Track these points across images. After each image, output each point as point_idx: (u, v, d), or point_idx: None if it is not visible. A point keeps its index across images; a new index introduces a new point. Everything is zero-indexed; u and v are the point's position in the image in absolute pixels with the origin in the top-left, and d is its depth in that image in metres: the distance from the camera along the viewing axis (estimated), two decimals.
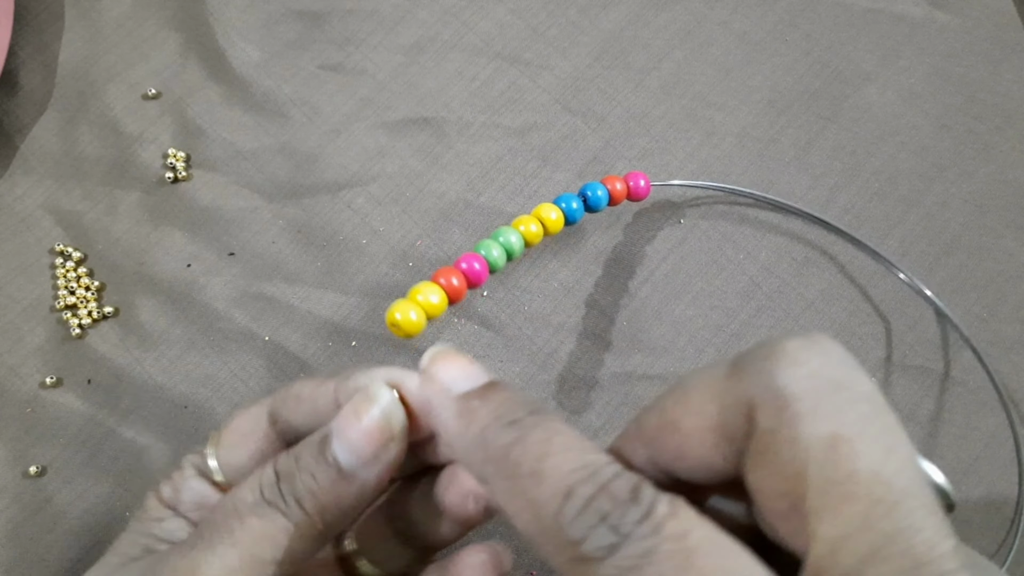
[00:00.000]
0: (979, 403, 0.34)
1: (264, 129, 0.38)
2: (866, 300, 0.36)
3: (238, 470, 0.24)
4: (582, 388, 0.34)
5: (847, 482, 0.14)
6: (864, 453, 0.14)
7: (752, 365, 0.16)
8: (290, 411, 0.23)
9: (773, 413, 0.15)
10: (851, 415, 0.14)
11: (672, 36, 0.40)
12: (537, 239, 0.31)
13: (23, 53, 0.39)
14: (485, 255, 0.29)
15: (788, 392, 0.15)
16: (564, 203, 0.32)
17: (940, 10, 0.41)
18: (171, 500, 0.24)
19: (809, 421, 0.15)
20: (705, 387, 0.17)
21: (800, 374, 0.15)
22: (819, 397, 0.15)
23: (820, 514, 0.14)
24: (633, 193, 0.34)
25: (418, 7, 0.40)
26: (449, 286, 0.28)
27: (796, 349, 0.16)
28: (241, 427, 0.24)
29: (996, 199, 0.37)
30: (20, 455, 0.33)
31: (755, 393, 0.15)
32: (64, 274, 0.35)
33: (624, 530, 0.15)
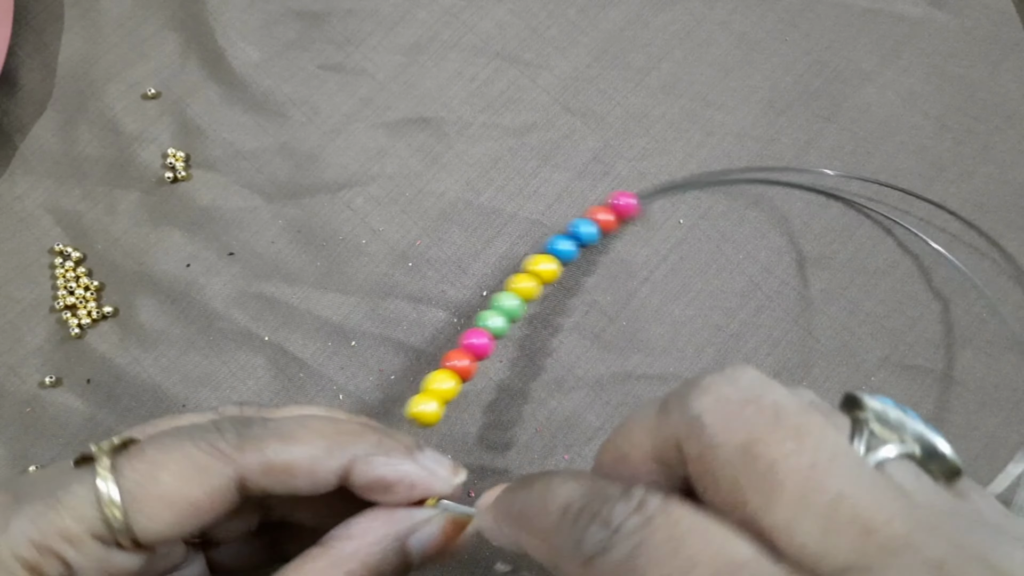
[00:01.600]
0: (979, 403, 0.34)
1: (264, 129, 0.38)
2: (866, 300, 0.36)
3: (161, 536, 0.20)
4: (582, 388, 0.34)
5: (770, 473, 0.15)
6: (777, 446, 0.16)
7: (673, 402, 0.18)
8: (278, 483, 0.21)
9: (694, 440, 0.17)
10: (758, 422, 0.16)
11: (672, 36, 0.40)
12: (535, 294, 0.32)
13: (23, 53, 0.39)
14: (490, 327, 0.31)
15: (701, 419, 0.17)
16: (556, 249, 0.33)
17: (939, 10, 0.41)
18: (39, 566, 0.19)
19: (724, 437, 0.16)
20: (641, 425, 0.19)
21: (709, 401, 0.17)
22: (728, 416, 0.17)
23: (764, 509, 0.15)
24: (623, 214, 0.35)
25: (418, 7, 0.40)
26: (459, 368, 0.30)
27: (708, 382, 0.18)
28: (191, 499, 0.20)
29: (996, 199, 0.37)
30: (20, 455, 0.33)
31: (677, 426, 0.17)
32: (64, 274, 0.35)
33: (615, 523, 0.16)
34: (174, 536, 0.20)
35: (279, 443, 0.21)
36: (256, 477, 0.20)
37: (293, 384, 0.34)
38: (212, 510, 0.20)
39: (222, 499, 0.20)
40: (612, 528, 0.16)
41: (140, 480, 0.20)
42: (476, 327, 0.31)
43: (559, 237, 0.34)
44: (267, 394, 0.34)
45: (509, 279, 0.32)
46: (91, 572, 0.19)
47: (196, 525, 0.20)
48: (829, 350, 0.35)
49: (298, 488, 0.21)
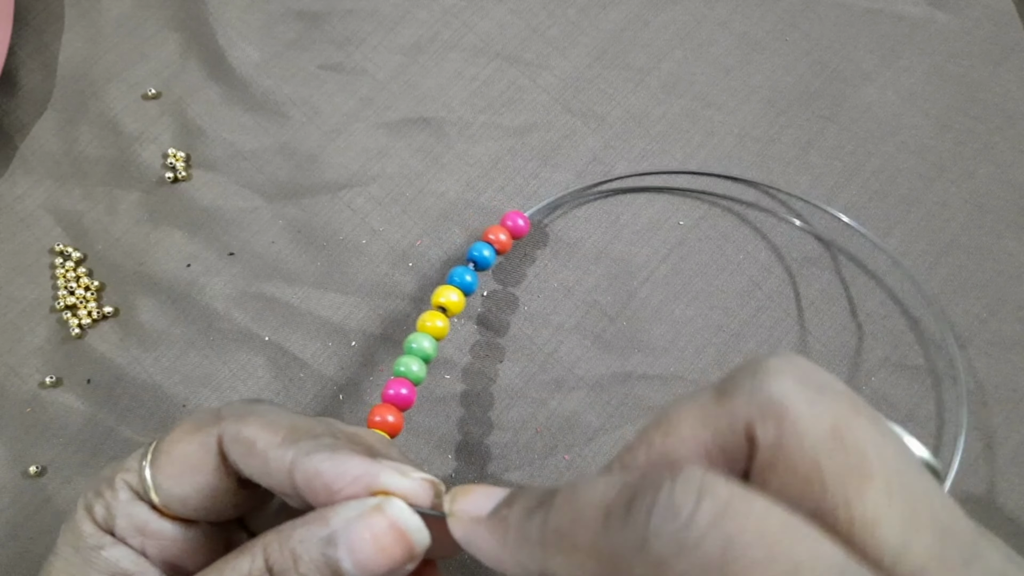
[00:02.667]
0: (979, 403, 0.34)
1: (264, 129, 0.38)
2: (866, 300, 0.36)
3: (182, 501, 0.22)
4: (582, 388, 0.34)
5: (862, 463, 0.15)
6: (866, 435, 0.15)
7: (740, 385, 0.16)
8: (240, 458, 0.21)
9: (774, 424, 0.15)
10: (842, 407, 0.15)
11: (672, 36, 0.40)
12: (445, 333, 0.31)
13: (23, 53, 0.39)
14: (405, 373, 0.30)
15: (785, 401, 0.15)
16: (457, 279, 0.32)
17: (940, 10, 0.41)
18: (106, 523, 0.22)
19: (809, 421, 0.15)
20: (694, 415, 0.17)
21: (789, 383, 0.16)
22: (810, 399, 0.15)
23: (848, 500, 0.14)
24: (515, 234, 0.34)
25: (418, 7, 0.40)
26: (385, 425, 0.28)
27: (777, 364, 0.16)
28: (186, 457, 0.22)
29: (996, 199, 0.37)
30: (20, 455, 0.33)
31: (750, 410, 0.16)
32: (64, 274, 0.35)
33: (684, 512, 0.14)
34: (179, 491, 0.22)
35: (253, 422, 0.21)
36: (229, 444, 0.21)
37: (293, 384, 0.34)
38: (203, 468, 0.22)
39: (208, 458, 0.22)
40: (683, 520, 0.14)
41: (163, 437, 0.23)
42: (396, 377, 0.30)
43: (461, 268, 0.33)
44: (267, 394, 0.34)
45: (421, 317, 0.31)
46: (128, 529, 0.22)
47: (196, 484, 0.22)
48: (829, 350, 0.35)
49: (256, 471, 0.21)
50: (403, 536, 0.19)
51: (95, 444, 0.33)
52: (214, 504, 0.22)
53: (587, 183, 0.37)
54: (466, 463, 0.33)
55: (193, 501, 0.22)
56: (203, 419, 0.22)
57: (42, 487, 0.33)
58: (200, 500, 0.22)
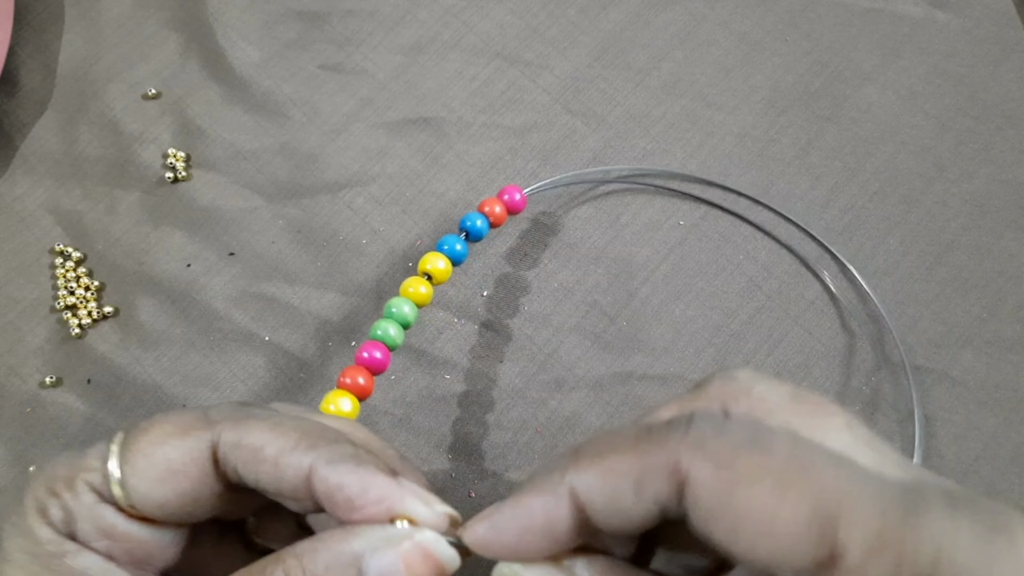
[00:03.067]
0: (979, 403, 0.34)
1: (264, 129, 0.38)
2: (866, 300, 0.36)
3: (160, 505, 0.20)
4: (582, 388, 0.34)
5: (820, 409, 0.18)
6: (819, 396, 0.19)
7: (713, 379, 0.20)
8: (244, 464, 0.20)
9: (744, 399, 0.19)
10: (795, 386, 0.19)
11: (672, 36, 0.40)
12: (428, 300, 0.30)
13: (23, 53, 0.39)
14: (382, 337, 0.28)
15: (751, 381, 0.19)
16: (447, 247, 0.31)
17: (940, 10, 0.41)
18: (65, 526, 0.20)
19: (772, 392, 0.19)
20: (673, 405, 0.20)
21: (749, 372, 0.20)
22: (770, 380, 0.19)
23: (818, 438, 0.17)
24: (511, 208, 0.34)
25: (418, 7, 0.40)
26: (356, 387, 0.27)
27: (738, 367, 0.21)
28: (170, 461, 0.20)
29: (996, 199, 0.37)
30: (20, 455, 0.33)
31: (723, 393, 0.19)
32: (64, 274, 0.35)
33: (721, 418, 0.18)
34: (158, 495, 0.20)
35: (256, 426, 0.20)
36: (227, 451, 0.20)
37: (293, 384, 0.34)
38: (188, 474, 0.20)
39: (196, 464, 0.20)
40: (721, 420, 0.17)
41: (135, 437, 0.21)
42: (371, 340, 0.29)
43: (451, 236, 0.32)
44: (267, 394, 0.34)
45: (404, 283, 0.30)
46: (92, 533, 0.20)
47: (179, 489, 0.20)
48: (829, 350, 0.35)
49: (264, 477, 0.20)
50: (437, 565, 0.19)
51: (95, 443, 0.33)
52: (193, 509, 0.21)
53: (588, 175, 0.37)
54: (466, 463, 0.33)
55: (172, 505, 0.20)
56: (189, 422, 0.21)
57: None
58: (179, 505, 0.20)
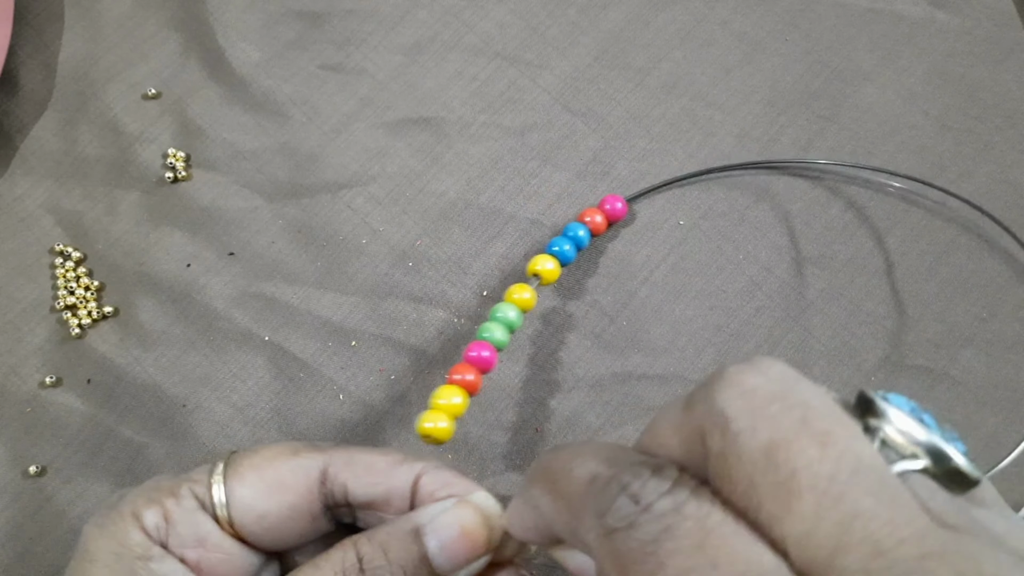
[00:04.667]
0: (979, 403, 0.34)
1: (264, 129, 0.38)
2: (865, 300, 0.36)
3: (260, 517, 0.23)
4: (582, 388, 0.34)
5: (790, 482, 0.15)
6: (801, 452, 0.15)
7: (699, 394, 0.17)
8: (355, 478, 0.23)
9: (718, 435, 0.16)
10: (785, 422, 0.15)
11: (672, 36, 0.40)
12: (532, 304, 0.32)
13: (23, 53, 0.39)
14: (490, 339, 0.31)
15: (726, 412, 0.16)
16: (556, 248, 0.34)
17: (940, 10, 0.41)
18: (158, 532, 0.22)
19: (747, 435, 0.15)
20: (667, 421, 0.18)
21: (735, 394, 0.16)
22: (754, 412, 0.16)
23: (779, 518, 0.15)
24: (611, 217, 0.36)
25: (418, 7, 0.40)
26: (465, 383, 0.29)
27: (734, 373, 0.17)
28: (281, 476, 0.23)
29: (996, 199, 0.37)
30: (20, 455, 0.33)
31: (702, 420, 0.16)
32: (64, 274, 0.35)
33: (645, 500, 0.15)
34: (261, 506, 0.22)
35: (363, 448, 0.24)
36: (339, 469, 0.23)
37: (293, 384, 0.34)
38: (297, 489, 0.23)
39: (306, 481, 0.23)
40: (641, 506, 0.16)
41: (243, 457, 0.23)
42: (479, 339, 0.31)
43: (559, 239, 0.34)
44: (267, 394, 0.34)
45: (509, 289, 0.32)
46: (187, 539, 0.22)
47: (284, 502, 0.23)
48: (829, 350, 0.35)
49: (369, 485, 0.23)
50: (485, 519, 0.22)
51: (95, 444, 0.33)
52: (289, 527, 0.23)
53: (588, 180, 0.37)
54: (466, 463, 0.33)
55: (271, 518, 0.23)
56: (297, 447, 0.23)
57: (42, 487, 0.33)
58: (279, 519, 0.23)
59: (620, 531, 0.15)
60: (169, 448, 0.33)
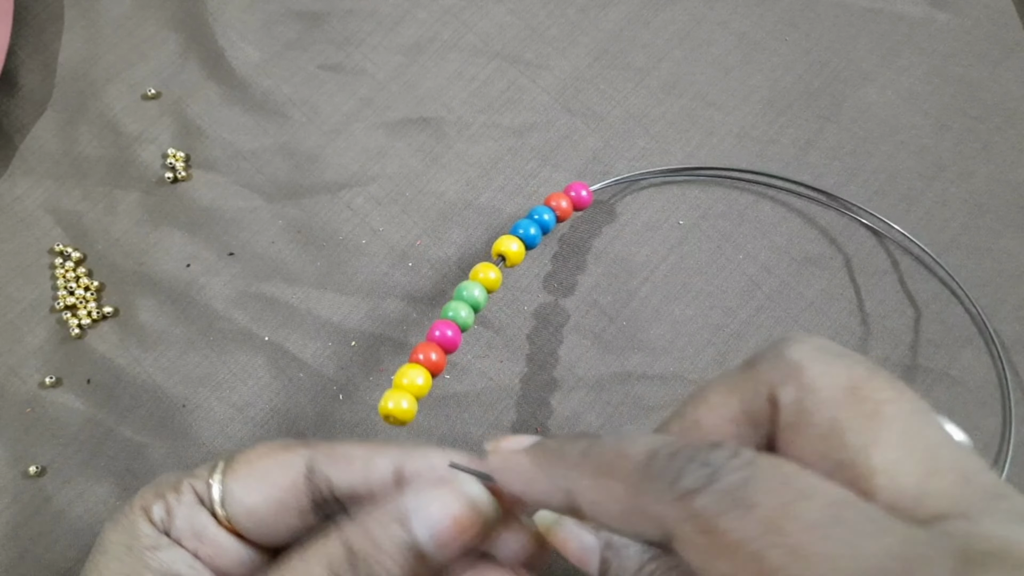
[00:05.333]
0: (979, 403, 0.34)
1: (264, 129, 0.38)
2: (866, 300, 0.36)
3: (250, 512, 0.23)
4: (582, 388, 0.34)
5: (876, 415, 0.16)
6: (881, 390, 0.16)
7: (764, 355, 0.18)
8: (336, 470, 0.23)
9: (794, 385, 0.17)
10: (859, 370, 0.17)
11: (672, 36, 0.40)
12: (498, 285, 0.31)
13: (23, 53, 0.39)
14: (454, 317, 0.30)
15: (802, 363, 0.17)
16: (521, 230, 0.32)
17: (939, 10, 0.41)
18: (163, 523, 0.23)
19: (826, 380, 0.17)
20: (723, 386, 0.19)
21: (807, 349, 0.17)
22: (827, 361, 0.17)
23: (866, 450, 0.15)
24: (577, 204, 0.34)
25: (418, 7, 0.40)
26: (428, 362, 0.28)
27: (798, 336, 0.18)
28: (269, 470, 0.23)
29: (996, 199, 0.37)
30: (20, 455, 0.33)
31: (773, 375, 0.17)
32: (64, 274, 0.35)
33: (717, 463, 0.15)
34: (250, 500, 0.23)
35: (346, 442, 0.24)
36: (322, 462, 0.23)
37: (293, 384, 0.34)
38: (282, 483, 0.23)
39: (292, 475, 0.23)
40: (714, 467, 0.15)
41: (241, 454, 0.24)
42: (443, 319, 0.30)
43: (525, 221, 0.33)
44: (267, 394, 0.34)
45: (474, 268, 0.31)
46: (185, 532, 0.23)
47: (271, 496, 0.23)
48: None
49: (351, 475, 0.23)
50: (471, 501, 0.21)
51: (95, 444, 0.33)
52: (277, 520, 0.23)
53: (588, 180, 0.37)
54: None
55: (260, 513, 0.23)
56: (288, 444, 0.24)
57: (42, 487, 0.33)
58: (267, 513, 0.23)
59: (699, 491, 0.15)
60: (169, 448, 0.33)
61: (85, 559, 0.31)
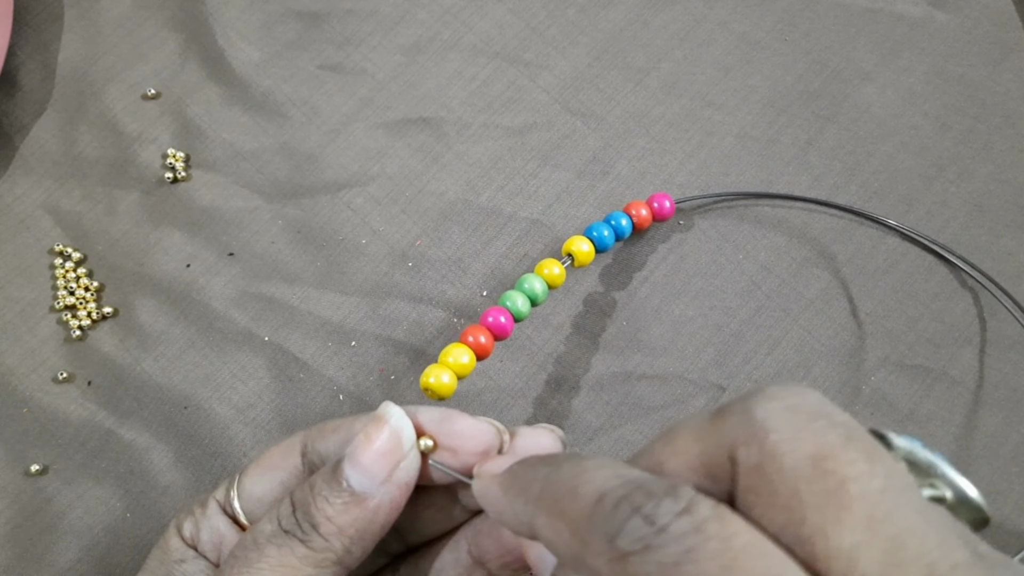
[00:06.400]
0: (979, 403, 0.34)
1: (264, 129, 0.38)
2: (866, 299, 0.36)
3: (260, 501, 0.24)
4: (582, 388, 0.34)
5: (840, 492, 0.14)
6: (851, 464, 0.14)
7: (732, 408, 0.17)
8: (321, 440, 0.24)
9: (755, 447, 0.15)
10: (830, 436, 0.15)
11: (672, 36, 0.40)
12: (561, 282, 0.32)
13: (23, 53, 0.39)
14: (511, 307, 0.30)
15: (767, 424, 0.15)
16: (595, 232, 0.33)
17: (939, 10, 0.41)
18: (192, 539, 0.24)
19: (791, 446, 0.15)
20: (689, 431, 0.17)
21: (777, 408, 0.16)
22: (797, 425, 0.15)
23: (825, 530, 0.14)
24: (657, 215, 0.35)
25: (417, 7, 0.40)
26: (477, 345, 0.29)
27: (773, 391, 0.16)
28: (271, 458, 0.24)
29: (996, 199, 0.37)
30: (20, 455, 0.33)
31: (736, 432, 0.16)
32: (64, 275, 0.35)
33: (660, 522, 0.15)
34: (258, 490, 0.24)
35: (334, 420, 0.24)
36: (311, 440, 0.24)
37: (293, 384, 0.34)
38: (284, 467, 0.24)
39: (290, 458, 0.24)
40: (657, 527, 0.14)
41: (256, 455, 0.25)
42: (499, 306, 0.30)
43: (599, 223, 0.34)
44: (268, 394, 0.34)
45: (540, 263, 0.32)
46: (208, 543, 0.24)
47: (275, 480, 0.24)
48: (829, 350, 0.35)
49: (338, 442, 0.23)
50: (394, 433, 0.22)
51: (95, 445, 0.33)
52: None
53: (588, 180, 0.37)
54: None
55: (269, 499, 0.24)
56: (291, 436, 0.25)
57: (42, 487, 0.33)
58: (273, 497, 0.24)
59: (635, 555, 0.14)
60: (170, 448, 0.33)
61: (85, 559, 0.32)
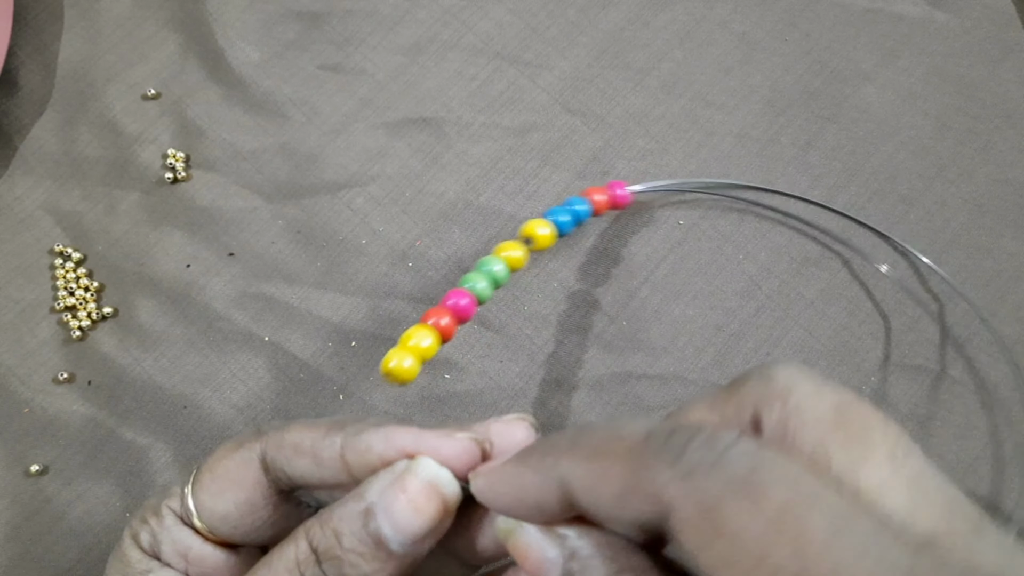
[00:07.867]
0: (979, 403, 0.34)
1: (264, 129, 0.38)
2: (866, 299, 0.36)
3: (223, 518, 0.22)
4: (582, 388, 0.34)
5: (864, 436, 0.16)
6: (870, 414, 0.16)
7: (751, 376, 0.18)
8: (286, 461, 0.22)
9: (779, 405, 0.17)
10: (846, 395, 0.17)
11: (672, 36, 0.40)
12: (522, 264, 0.31)
13: (23, 53, 0.39)
14: (471, 289, 0.29)
15: (789, 384, 0.17)
16: (554, 216, 0.32)
17: (939, 10, 0.41)
18: (152, 549, 0.23)
19: (813, 401, 0.17)
20: (704, 403, 0.19)
21: (794, 371, 0.18)
22: (816, 383, 0.17)
23: (854, 470, 0.15)
24: (614, 202, 0.34)
25: (417, 7, 0.40)
26: (439, 327, 0.28)
27: (785, 362, 0.18)
28: (228, 472, 0.22)
29: (996, 199, 0.37)
30: (20, 455, 0.33)
31: (758, 396, 0.17)
32: (64, 275, 0.35)
33: (722, 446, 0.15)
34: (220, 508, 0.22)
35: (294, 427, 0.22)
36: (273, 454, 0.22)
37: (293, 384, 0.34)
38: (243, 483, 0.22)
39: (249, 473, 0.22)
40: (719, 449, 0.15)
41: (206, 460, 0.23)
42: (460, 288, 0.29)
43: (558, 208, 0.33)
44: (268, 394, 0.34)
45: (498, 245, 0.31)
46: (172, 555, 0.23)
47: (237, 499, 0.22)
48: (829, 350, 0.35)
49: (303, 468, 0.21)
50: (436, 492, 0.20)
51: (95, 445, 0.33)
52: (252, 520, 0.22)
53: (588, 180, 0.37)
54: None
55: (233, 517, 0.22)
56: (243, 438, 0.23)
57: (42, 488, 0.33)
58: (239, 516, 0.22)
59: (704, 471, 0.15)
60: (170, 449, 0.33)
61: (85, 559, 0.32)
